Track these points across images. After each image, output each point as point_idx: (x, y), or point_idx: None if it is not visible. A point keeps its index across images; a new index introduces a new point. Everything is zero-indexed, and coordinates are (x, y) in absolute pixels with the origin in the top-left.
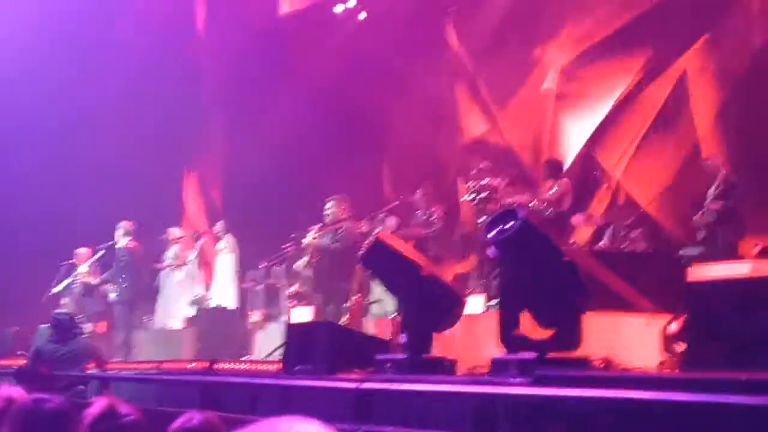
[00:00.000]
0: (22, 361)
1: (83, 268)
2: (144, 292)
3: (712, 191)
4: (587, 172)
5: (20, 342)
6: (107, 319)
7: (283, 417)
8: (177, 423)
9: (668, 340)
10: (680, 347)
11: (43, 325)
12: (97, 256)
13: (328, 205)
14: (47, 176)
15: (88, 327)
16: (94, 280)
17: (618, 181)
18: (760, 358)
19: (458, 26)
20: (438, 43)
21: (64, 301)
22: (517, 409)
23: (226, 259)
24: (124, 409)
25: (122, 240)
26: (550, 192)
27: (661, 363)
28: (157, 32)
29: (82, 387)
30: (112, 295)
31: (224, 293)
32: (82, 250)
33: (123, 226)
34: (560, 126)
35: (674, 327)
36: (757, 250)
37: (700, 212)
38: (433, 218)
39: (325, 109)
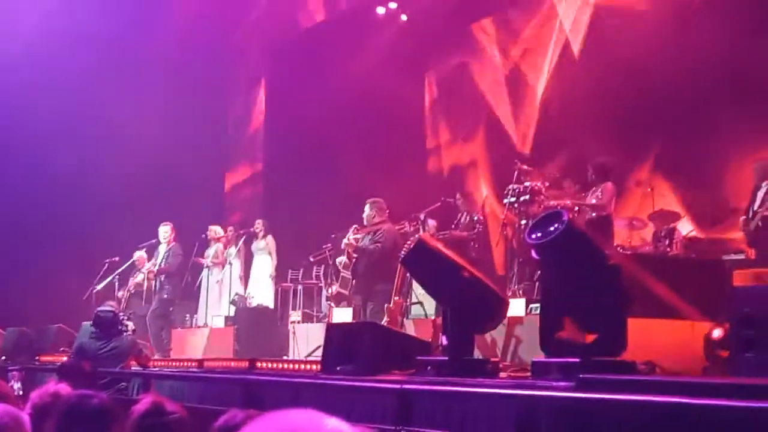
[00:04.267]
0: (64, 358)
1: (145, 270)
2: (186, 291)
3: (761, 194)
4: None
5: (63, 338)
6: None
7: (285, 411)
8: (220, 421)
9: (712, 347)
10: (724, 354)
11: (86, 322)
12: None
13: (366, 207)
14: (88, 175)
15: (131, 325)
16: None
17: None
18: None
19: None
20: (477, 44)
21: (120, 294)
22: (560, 413)
23: (264, 259)
24: (169, 406)
25: (165, 239)
26: (595, 195)
27: (705, 369)
28: (192, 31)
29: (123, 384)
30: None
31: (262, 293)
32: (142, 254)
33: (165, 226)
34: None
35: (718, 333)
36: None
37: (744, 218)
38: (476, 220)
39: (367, 110)
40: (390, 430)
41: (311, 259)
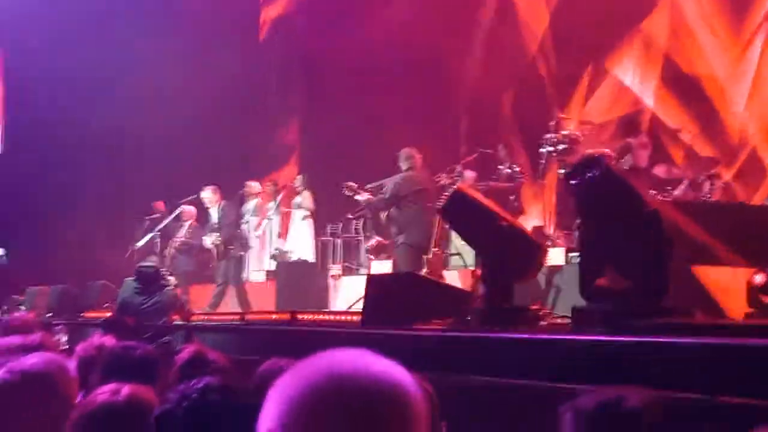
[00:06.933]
0: (108, 313)
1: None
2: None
3: None
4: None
5: (107, 295)
6: (196, 278)
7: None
8: (263, 367)
9: (754, 292)
10: (766, 299)
11: (128, 278)
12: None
13: None
14: (126, 134)
15: (173, 279)
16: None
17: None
18: None
19: None
20: None
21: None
22: (600, 358)
23: (302, 214)
24: (211, 355)
25: (212, 203)
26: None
27: (747, 315)
28: None
29: (168, 338)
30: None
31: (302, 247)
32: (189, 208)
33: (207, 191)
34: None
35: (760, 279)
36: None
37: None
38: (517, 171)
39: (406, 60)
40: (431, 378)
41: (350, 216)
